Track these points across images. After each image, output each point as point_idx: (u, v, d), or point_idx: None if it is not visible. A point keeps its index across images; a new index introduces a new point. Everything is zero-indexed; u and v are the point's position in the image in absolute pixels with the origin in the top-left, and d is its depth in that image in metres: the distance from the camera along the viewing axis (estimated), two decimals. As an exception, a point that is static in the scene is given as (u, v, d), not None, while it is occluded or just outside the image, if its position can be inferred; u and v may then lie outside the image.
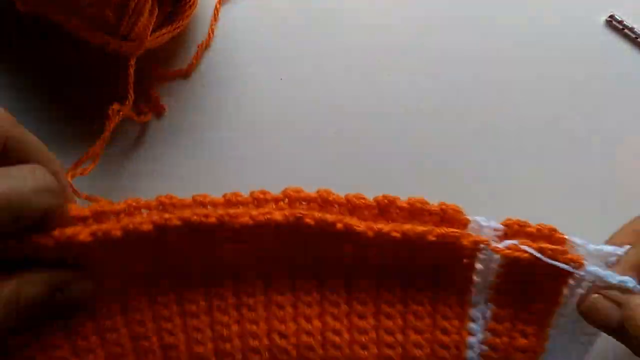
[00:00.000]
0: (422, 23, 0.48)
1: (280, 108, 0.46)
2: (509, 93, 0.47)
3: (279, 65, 0.46)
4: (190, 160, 0.44)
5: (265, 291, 0.36)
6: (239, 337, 0.36)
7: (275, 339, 0.36)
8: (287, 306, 0.36)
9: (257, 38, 0.47)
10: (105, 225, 0.32)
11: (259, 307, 0.36)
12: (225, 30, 0.47)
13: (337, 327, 0.37)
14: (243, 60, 0.46)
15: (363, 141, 0.45)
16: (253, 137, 0.45)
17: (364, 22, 0.47)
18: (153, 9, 0.40)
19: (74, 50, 0.45)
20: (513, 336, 0.37)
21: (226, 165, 0.44)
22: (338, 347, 0.36)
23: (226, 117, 0.45)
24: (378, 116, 0.46)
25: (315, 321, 0.37)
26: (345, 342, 0.37)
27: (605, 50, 0.48)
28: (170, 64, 0.46)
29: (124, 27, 0.39)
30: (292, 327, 0.36)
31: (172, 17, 0.42)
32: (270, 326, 0.36)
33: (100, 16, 0.39)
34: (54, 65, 0.45)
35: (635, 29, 0.47)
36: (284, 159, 0.45)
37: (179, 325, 0.36)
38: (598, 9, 0.48)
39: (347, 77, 0.46)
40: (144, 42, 0.40)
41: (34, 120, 0.44)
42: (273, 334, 0.36)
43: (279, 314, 0.36)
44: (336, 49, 0.47)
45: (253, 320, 0.36)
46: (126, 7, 0.38)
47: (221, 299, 0.36)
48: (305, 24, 0.47)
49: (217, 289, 0.36)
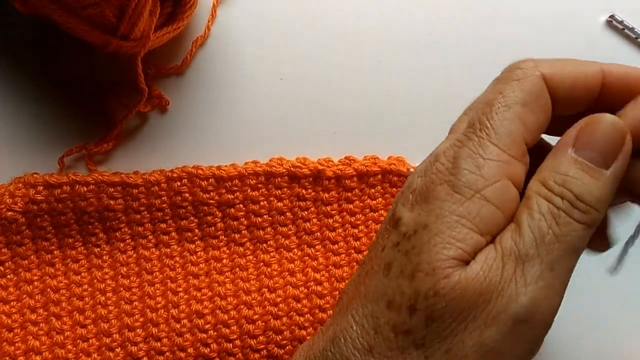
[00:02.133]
0: (422, 23, 0.47)
1: (278, 107, 0.46)
2: (509, 93, 0.47)
3: (277, 65, 0.46)
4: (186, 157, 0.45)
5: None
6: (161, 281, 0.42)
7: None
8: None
9: (254, 36, 0.47)
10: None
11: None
12: (222, 28, 0.47)
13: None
14: (240, 58, 0.46)
15: (363, 140, 0.45)
16: (252, 137, 0.45)
17: (362, 20, 0.47)
18: (153, 9, 0.40)
19: (74, 50, 0.45)
20: None
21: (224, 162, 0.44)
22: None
23: (221, 115, 0.45)
24: (377, 116, 0.46)
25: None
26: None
27: (605, 50, 0.48)
28: (168, 63, 0.46)
29: (124, 27, 0.39)
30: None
31: (172, 17, 0.42)
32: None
33: (100, 16, 0.39)
34: (54, 65, 0.45)
35: (635, 29, 0.47)
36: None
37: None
38: (598, 9, 0.48)
39: (346, 76, 0.46)
40: (148, 42, 0.40)
41: (34, 120, 0.44)
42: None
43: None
44: (334, 48, 0.47)
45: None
46: (126, 7, 0.38)
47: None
48: (303, 23, 0.47)
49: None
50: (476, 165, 0.25)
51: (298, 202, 0.42)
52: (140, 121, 0.45)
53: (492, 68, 0.47)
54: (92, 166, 0.44)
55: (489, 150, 0.25)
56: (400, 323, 0.25)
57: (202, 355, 0.40)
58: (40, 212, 0.41)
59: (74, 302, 0.41)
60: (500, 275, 0.24)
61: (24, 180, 0.41)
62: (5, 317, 0.40)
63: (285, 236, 0.42)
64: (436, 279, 0.24)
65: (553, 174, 0.25)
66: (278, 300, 0.41)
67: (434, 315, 0.24)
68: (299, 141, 0.45)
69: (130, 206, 0.41)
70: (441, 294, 0.24)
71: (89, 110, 0.45)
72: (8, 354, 0.40)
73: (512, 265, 0.24)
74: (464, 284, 0.24)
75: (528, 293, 0.24)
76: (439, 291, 0.24)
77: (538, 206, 0.25)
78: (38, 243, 0.41)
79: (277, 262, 0.42)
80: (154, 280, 0.42)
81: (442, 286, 0.24)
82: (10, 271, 0.41)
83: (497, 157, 0.25)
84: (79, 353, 0.40)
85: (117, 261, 0.42)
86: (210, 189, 0.42)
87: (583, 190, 0.25)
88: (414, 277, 0.24)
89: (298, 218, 0.43)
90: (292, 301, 0.41)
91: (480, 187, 0.25)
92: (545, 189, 0.25)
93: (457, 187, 0.25)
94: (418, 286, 0.24)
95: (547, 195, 0.25)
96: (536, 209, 0.25)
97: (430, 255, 0.24)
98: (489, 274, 0.24)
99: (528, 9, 0.48)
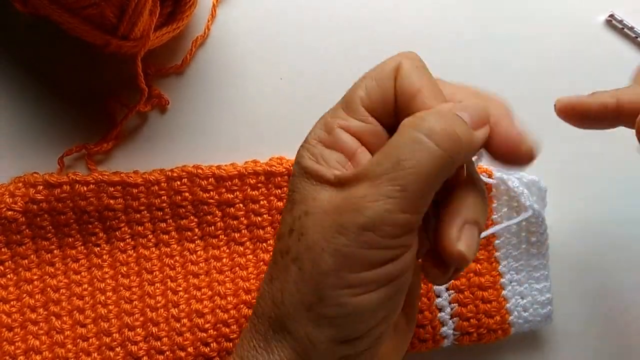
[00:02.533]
0: (422, 22, 0.48)
1: (278, 106, 0.46)
2: (509, 92, 0.47)
3: (277, 64, 0.46)
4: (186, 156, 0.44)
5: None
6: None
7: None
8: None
9: (254, 36, 0.47)
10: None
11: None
12: (222, 28, 0.47)
13: None
14: (240, 58, 0.46)
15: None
16: (252, 136, 0.45)
17: (363, 20, 0.47)
18: (153, 9, 0.40)
19: (74, 50, 0.45)
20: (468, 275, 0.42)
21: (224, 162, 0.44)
22: None
23: (221, 114, 0.46)
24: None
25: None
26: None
27: (604, 50, 0.48)
28: (168, 62, 0.46)
29: (124, 27, 0.39)
30: None
31: (172, 17, 0.42)
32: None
33: (100, 16, 0.39)
34: (54, 65, 0.45)
35: (635, 29, 0.47)
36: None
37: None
38: (598, 9, 0.48)
39: (346, 76, 0.46)
40: (148, 41, 0.40)
41: (34, 120, 0.44)
42: None
43: None
44: (334, 46, 0.47)
45: None
46: (126, 7, 0.38)
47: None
48: (303, 23, 0.47)
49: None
50: (324, 122, 0.31)
51: None
52: (140, 121, 0.45)
53: (492, 68, 0.48)
54: (92, 166, 0.44)
55: (337, 112, 0.31)
56: (284, 246, 0.29)
57: (202, 354, 0.40)
58: (40, 211, 0.41)
59: (74, 301, 0.41)
60: (355, 194, 0.27)
61: (24, 179, 0.41)
62: (5, 317, 0.40)
63: None
64: (307, 202, 0.28)
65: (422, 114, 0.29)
66: None
67: (303, 230, 0.28)
68: (299, 141, 0.45)
69: (130, 205, 0.42)
70: (310, 212, 0.28)
71: (89, 110, 0.45)
72: (8, 354, 0.40)
73: (366, 184, 0.27)
74: (327, 202, 0.28)
75: (376, 208, 0.26)
76: (309, 210, 0.28)
77: (400, 135, 0.28)
78: (38, 242, 0.41)
79: None
80: (154, 280, 0.42)
81: (311, 205, 0.28)
82: (10, 270, 0.41)
83: (338, 116, 0.31)
84: (79, 352, 0.40)
85: (117, 260, 0.42)
86: (210, 188, 0.42)
87: (448, 127, 0.28)
88: (292, 209, 0.29)
89: None
90: None
91: (321, 137, 0.30)
92: (414, 120, 0.28)
93: (307, 138, 0.31)
94: (294, 212, 0.29)
95: (413, 123, 0.28)
96: (398, 139, 0.28)
97: (300, 188, 0.29)
98: (346, 192, 0.27)
99: (528, 8, 0.48)
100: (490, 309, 0.42)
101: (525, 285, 0.42)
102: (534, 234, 0.42)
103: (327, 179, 0.28)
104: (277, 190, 0.42)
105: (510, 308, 0.42)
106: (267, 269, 0.31)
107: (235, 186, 0.42)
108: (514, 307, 0.42)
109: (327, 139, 0.30)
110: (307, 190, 0.29)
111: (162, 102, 0.45)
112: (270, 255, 0.42)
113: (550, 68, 0.47)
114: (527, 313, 0.42)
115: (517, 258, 0.42)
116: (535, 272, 0.42)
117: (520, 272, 0.42)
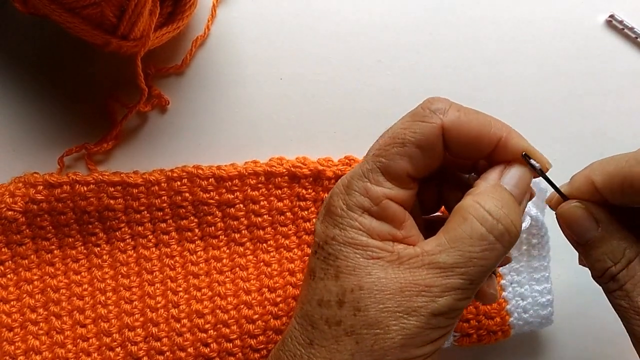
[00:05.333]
0: (422, 23, 0.47)
1: (278, 107, 0.46)
2: (509, 93, 0.47)
3: (277, 64, 0.46)
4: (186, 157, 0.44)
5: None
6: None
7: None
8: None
9: (254, 36, 0.47)
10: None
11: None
12: (222, 28, 0.47)
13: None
14: (240, 58, 0.46)
15: (363, 140, 0.45)
16: (252, 137, 0.45)
17: (362, 20, 0.47)
18: (153, 8, 0.40)
19: (74, 50, 0.45)
20: None
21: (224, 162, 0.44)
22: None
23: (221, 114, 0.45)
24: (377, 116, 0.46)
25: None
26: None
27: (605, 50, 0.48)
28: (168, 62, 0.46)
29: (124, 27, 0.39)
30: None
31: (172, 17, 0.42)
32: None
33: (100, 16, 0.39)
34: (54, 65, 0.45)
35: (635, 29, 0.47)
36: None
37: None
38: (598, 9, 0.48)
39: (346, 76, 0.46)
40: (148, 41, 0.40)
41: (34, 120, 0.44)
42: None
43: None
44: (333, 46, 0.47)
45: None
46: (126, 7, 0.38)
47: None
48: (303, 23, 0.47)
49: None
50: (365, 188, 0.30)
51: (298, 202, 0.42)
52: (140, 121, 0.45)
53: (491, 68, 0.48)
54: (92, 166, 0.44)
55: (377, 177, 0.30)
56: (331, 316, 0.29)
57: (202, 354, 0.40)
58: (41, 211, 0.41)
59: (74, 301, 0.41)
60: (423, 279, 0.29)
61: (24, 179, 0.41)
62: (5, 317, 0.40)
63: (285, 236, 0.42)
64: (360, 276, 0.29)
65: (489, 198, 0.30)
66: (278, 300, 0.41)
67: (359, 305, 0.28)
68: (299, 141, 0.45)
69: (130, 206, 0.41)
70: (366, 288, 0.28)
71: (89, 110, 0.45)
72: (8, 354, 0.40)
73: (436, 272, 0.28)
74: (385, 280, 0.29)
75: (448, 297, 0.28)
76: (364, 285, 0.29)
77: (466, 224, 0.29)
78: (38, 242, 0.41)
79: (277, 262, 0.42)
80: (154, 280, 0.42)
81: (366, 281, 0.29)
82: (10, 270, 0.41)
83: (381, 184, 0.30)
84: (79, 352, 0.40)
85: (117, 261, 0.42)
86: (210, 188, 0.42)
87: (509, 225, 0.29)
88: (338, 277, 0.29)
89: (298, 218, 0.43)
90: (292, 301, 0.41)
91: (367, 207, 0.30)
92: (476, 209, 0.29)
93: (349, 205, 0.30)
94: (344, 284, 0.29)
95: (476, 212, 0.29)
96: (465, 229, 0.29)
97: (348, 258, 0.29)
98: (411, 275, 0.29)
99: (528, 9, 0.48)
100: (491, 310, 0.42)
101: (525, 286, 0.42)
102: (535, 236, 0.42)
103: (383, 257, 0.29)
104: (277, 190, 0.42)
105: (511, 309, 0.42)
106: (297, 332, 0.30)
107: (236, 186, 0.42)
108: (515, 308, 0.42)
109: (375, 211, 0.30)
110: (357, 263, 0.29)
111: (162, 102, 0.45)
112: (271, 256, 0.42)
113: (550, 68, 0.47)
114: (528, 314, 0.42)
115: (517, 259, 0.42)
116: (536, 273, 0.42)
117: (521, 273, 0.42)
